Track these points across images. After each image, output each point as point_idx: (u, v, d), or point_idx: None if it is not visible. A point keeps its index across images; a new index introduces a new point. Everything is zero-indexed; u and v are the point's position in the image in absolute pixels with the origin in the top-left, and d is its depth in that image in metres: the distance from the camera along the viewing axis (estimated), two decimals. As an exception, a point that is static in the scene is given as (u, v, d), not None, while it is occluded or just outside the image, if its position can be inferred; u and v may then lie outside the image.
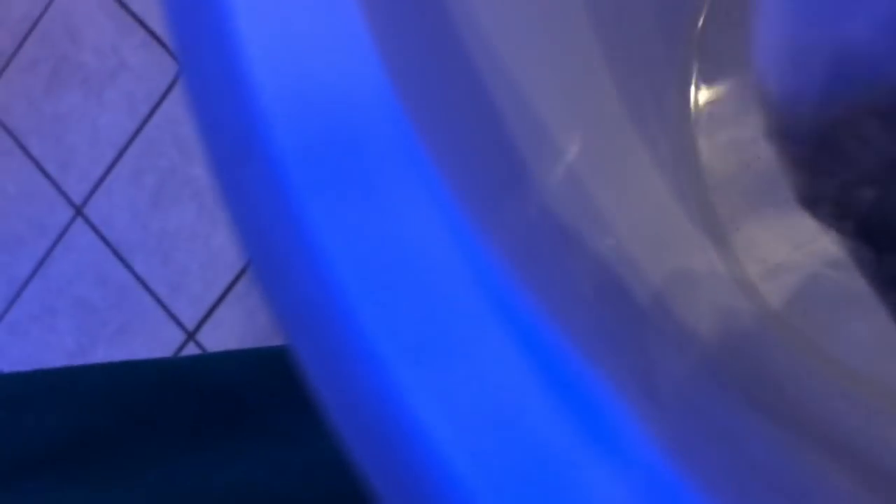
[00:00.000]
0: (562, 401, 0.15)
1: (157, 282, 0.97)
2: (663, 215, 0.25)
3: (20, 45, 1.08)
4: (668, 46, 0.29)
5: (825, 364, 0.27)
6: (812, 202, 0.19)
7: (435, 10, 0.21)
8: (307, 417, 0.41)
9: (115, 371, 0.42)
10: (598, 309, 0.20)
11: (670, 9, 0.29)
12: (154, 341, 0.97)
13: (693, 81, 0.29)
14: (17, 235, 1.07)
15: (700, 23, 0.29)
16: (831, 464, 0.20)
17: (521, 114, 0.23)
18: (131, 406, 0.39)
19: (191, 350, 0.94)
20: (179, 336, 0.95)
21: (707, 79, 0.30)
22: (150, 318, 0.97)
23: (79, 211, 1.03)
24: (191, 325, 0.94)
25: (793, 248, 0.27)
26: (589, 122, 0.24)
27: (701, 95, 0.30)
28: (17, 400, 0.37)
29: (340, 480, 0.34)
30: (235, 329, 0.92)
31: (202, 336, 0.94)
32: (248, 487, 0.38)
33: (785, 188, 0.26)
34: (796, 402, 0.23)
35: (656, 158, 0.25)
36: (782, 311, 0.27)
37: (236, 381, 0.43)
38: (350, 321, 0.15)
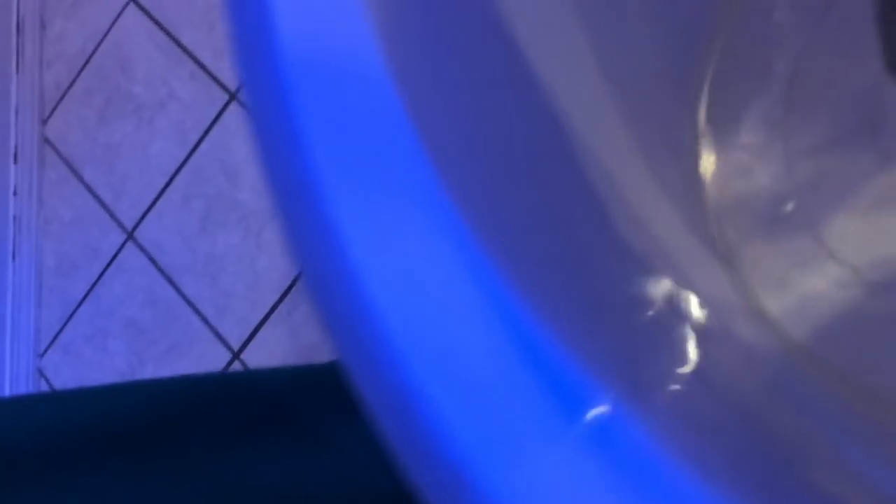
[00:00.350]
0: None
1: (205, 303, 1.00)
2: (671, 240, 0.26)
3: (76, 78, 1.13)
4: (675, 79, 0.30)
5: (841, 387, 0.28)
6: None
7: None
8: (345, 425, 0.45)
9: (179, 382, 0.47)
10: (613, 342, 0.21)
11: (677, 43, 0.30)
12: (201, 360, 0.99)
13: (700, 106, 0.31)
14: (72, 259, 1.12)
15: (707, 56, 0.31)
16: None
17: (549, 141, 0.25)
18: (193, 410, 0.43)
19: (236, 368, 0.97)
20: (225, 355, 0.98)
21: (714, 104, 0.31)
22: (198, 337, 1.00)
23: (130, 235, 1.06)
24: (236, 345, 0.97)
25: (801, 270, 0.29)
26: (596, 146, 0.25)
27: (708, 120, 0.31)
28: (101, 402, 0.42)
29: (374, 480, 0.38)
30: (279, 348, 0.94)
31: (247, 355, 0.96)
32: (290, 482, 0.43)
33: (791, 210, 0.27)
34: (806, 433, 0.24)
35: (663, 184, 0.26)
36: (791, 332, 0.28)
37: (284, 393, 0.48)
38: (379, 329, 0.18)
